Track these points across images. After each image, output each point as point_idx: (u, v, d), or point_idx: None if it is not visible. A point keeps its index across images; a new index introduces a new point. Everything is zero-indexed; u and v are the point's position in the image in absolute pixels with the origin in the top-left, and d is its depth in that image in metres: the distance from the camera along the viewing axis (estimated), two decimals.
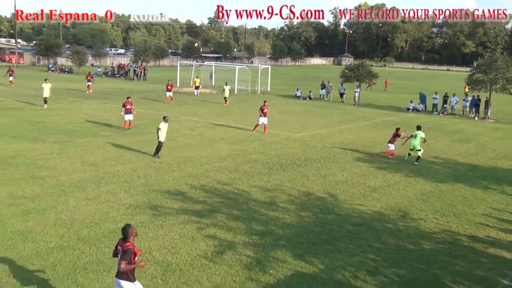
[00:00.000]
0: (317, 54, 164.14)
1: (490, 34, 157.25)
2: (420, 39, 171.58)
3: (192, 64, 68.36)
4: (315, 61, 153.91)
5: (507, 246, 13.40)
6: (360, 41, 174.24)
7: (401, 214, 15.56)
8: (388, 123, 35.15)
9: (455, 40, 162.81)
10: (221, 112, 36.70)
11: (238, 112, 37.29)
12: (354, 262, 11.83)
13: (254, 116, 35.17)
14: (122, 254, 8.33)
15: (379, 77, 48.33)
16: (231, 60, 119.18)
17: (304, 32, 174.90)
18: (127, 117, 27.55)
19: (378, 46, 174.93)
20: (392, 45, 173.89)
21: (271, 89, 56.29)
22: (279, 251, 12.16)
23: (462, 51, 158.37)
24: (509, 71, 39.05)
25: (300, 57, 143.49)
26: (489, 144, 28.49)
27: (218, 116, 34.52)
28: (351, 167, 21.26)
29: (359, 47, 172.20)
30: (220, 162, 21.06)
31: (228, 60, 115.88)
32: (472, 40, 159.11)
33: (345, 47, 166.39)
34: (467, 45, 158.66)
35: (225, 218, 14.23)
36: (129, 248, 8.35)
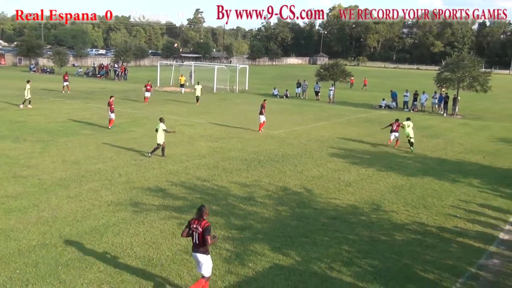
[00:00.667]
0: (293, 54, 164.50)
1: (457, 34, 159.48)
2: (392, 40, 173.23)
3: (172, 64, 67.96)
4: (292, 60, 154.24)
5: (474, 236, 13.63)
6: (335, 41, 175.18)
7: (374, 207, 15.71)
8: (361, 120, 35.44)
9: (425, 40, 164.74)
10: (201, 110, 36.56)
11: (217, 110, 37.19)
12: (329, 254, 11.90)
13: (233, 114, 35.19)
14: (204, 231, 9.19)
15: (353, 76, 48.61)
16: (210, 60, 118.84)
17: (281, 32, 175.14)
18: (112, 116, 27.46)
19: (352, 46, 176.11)
20: (365, 45, 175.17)
21: (249, 88, 56.26)
22: (258, 245, 12.17)
23: (431, 51, 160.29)
24: (475, 70, 39.64)
25: (277, 57, 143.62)
26: (457, 139, 28.91)
27: (197, 114, 34.37)
28: (326, 163, 21.38)
29: (334, 47, 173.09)
30: (199, 159, 20.98)
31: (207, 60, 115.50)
32: (441, 40, 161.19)
33: (320, 47, 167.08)
34: (436, 45, 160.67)
35: None
36: (209, 225, 9.32)
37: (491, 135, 31.16)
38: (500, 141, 29.03)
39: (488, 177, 20.22)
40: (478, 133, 31.58)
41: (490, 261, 12.08)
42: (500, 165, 22.40)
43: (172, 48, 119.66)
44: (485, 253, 12.52)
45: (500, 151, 25.76)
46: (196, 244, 9.40)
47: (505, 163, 22.39)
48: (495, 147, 26.99)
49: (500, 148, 26.72)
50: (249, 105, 41.29)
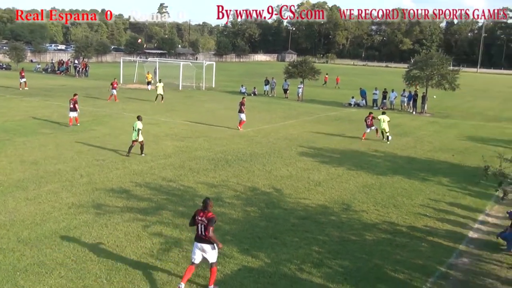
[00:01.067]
0: (261, 50, 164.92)
1: (426, 32, 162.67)
2: (360, 37, 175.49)
3: (136, 60, 67.16)
4: (259, 57, 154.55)
5: (444, 235, 13.91)
6: (303, 38, 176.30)
7: (344, 206, 15.86)
8: (331, 118, 35.77)
9: (393, 37, 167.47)
10: (166, 108, 36.25)
11: (183, 108, 36.94)
12: (299, 255, 11.95)
13: (199, 112, 35.02)
14: (208, 222, 9.89)
15: (321, 73, 48.99)
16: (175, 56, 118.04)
17: (248, 29, 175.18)
18: (72, 114, 27.08)
19: (320, 43, 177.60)
20: (333, 42, 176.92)
21: (216, 86, 56.10)
22: (226, 247, 12.12)
23: (400, 48, 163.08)
24: (443, 68, 40.49)
25: (244, 54, 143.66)
26: (426, 138, 29.48)
27: (162, 112, 34.07)
28: (296, 162, 21.48)
29: (302, 43, 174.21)
30: (165, 159, 20.80)
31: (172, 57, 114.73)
32: (409, 38, 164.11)
33: (289, 44, 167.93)
34: (405, 43, 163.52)
35: (171, 215, 14.06)
36: (214, 216, 10.04)
37: (460, 133, 31.89)
38: (468, 139, 29.74)
39: (457, 175, 20.68)
40: (447, 131, 32.27)
41: (460, 260, 12.35)
42: (469, 163, 22.94)
43: (136, 44, 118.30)
44: (455, 252, 12.80)
45: (469, 149, 26.39)
46: (202, 235, 10.02)
47: (474, 161, 22.93)
48: (463, 145, 27.64)
49: (468, 146, 27.37)
50: (216, 103, 41.19)
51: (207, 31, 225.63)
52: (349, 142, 26.84)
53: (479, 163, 17.58)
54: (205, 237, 9.97)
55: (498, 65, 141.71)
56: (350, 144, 26.28)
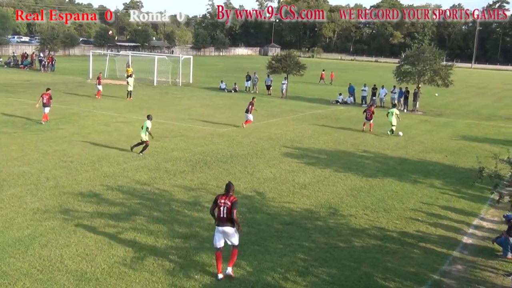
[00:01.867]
0: (242, 43, 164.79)
1: (417, 24, 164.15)
2: (348, 29, 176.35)
3: (106, 53, 66.67)
4: (240, 51, 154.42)
5: (436, 240, 14.09)
6: (287, 30, 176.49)
7: (331, 211, 15.96)
8: (317, 117, 35.94)
9: (383, 30, 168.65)
10: (139, 105, 36.07)
11: (157, 105, 36.80)
12: (283, 263, 12.00)
13: (176, 110, 34.93)
14: (232, 205, 10.92)
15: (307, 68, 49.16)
16: (149, 49, 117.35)
17: None
18: (47, 110, 27.63)
19: (306, 36, 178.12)
20: (320, 35, 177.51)
21: (194, 81, 55.97)
22: (205, 255, 12.13)
23: (390, 42, 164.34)
24: (436, 63, 40.94)
25: (224, 47, 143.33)
26: (417, 137, 29.79)
27: (136, 110, 33.89)
28: (279, 163, 21.55)
29: (286, 36, 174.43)
30: (139, 160, 20.71)
31: (146, 50, 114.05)
32: (400, 31, 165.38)
33: (272, 36, 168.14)
34: (395, 36, 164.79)
35: (145, 221, 14.02)
36: (236, 200, 11.12)
37: (453, 132, 32.30)
38: (462, 138, 30.13)
39: (450, 177, 20.95)
40: (440, 131, 32.65)
41: (454, 267, 12.53)
42: (463, 164, 23.24)
43: (106, 36, 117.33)
44: (448, 258, 12.97)
45: (462, 150, 26.74)
46: (224, 218, 11.01)
47: (468, 163, 23.24)
48: (457, 145, 27.99)
49: (462, 146, 27.73)
50: (193, 100, 41.12)
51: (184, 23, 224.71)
52: (337, 142, 27.00)
53: (474, 164, 17.85)
54: (227, 220, 10.97)
55: (493, 60, 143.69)
56: (337, 144, 26.44)
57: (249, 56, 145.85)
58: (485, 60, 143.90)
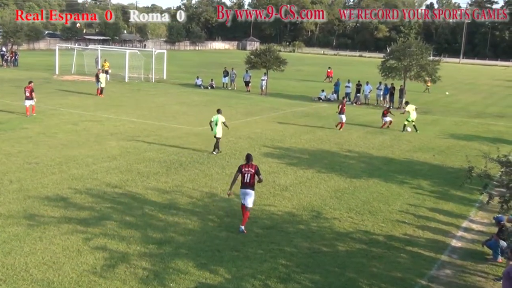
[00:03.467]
0: (219, 37, 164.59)
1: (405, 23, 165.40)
2: (331, 22, 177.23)
3: (74, 48, 66.08)
4: (217, 45, 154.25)
5: (424, 244, 14.23)
6: (267, 23, 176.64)
7: (314, 214, 16.02)
8: (299, 115, 36.04)
9: (368, 23, 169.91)
10: (110, 103, 35.83)
11: (129, 103, 36.59)
12: (264, 269, 12.01)
13: (149, 107, 34.78)
14: (256, 171, 14.48)
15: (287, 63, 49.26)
16: (120, 43, 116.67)
17: (204, 12, 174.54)
18: (28, 103, 29.02)
19: (286, 30, 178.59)
20: (301, 29, 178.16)
21: (168, 77, 55.74)
22: (180, 261, 12.09)
23: (375, 36, 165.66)
24: (423, 58, 41.32)
25: (200, 41, 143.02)
26: (404, 136, 30.05)
27: (106, 108, 33.66)
28: (259, 164, 21.38)
29: (266, 30, 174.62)
30: (109, 161, 20.57)
31: (117, 44, 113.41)
32: (385, 24, 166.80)
33: (251, 30, 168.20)
34: (380, 29, 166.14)
35: (116, 226, 13.93)
36: (258, 167, 14.75)
37: (441, 130, 32.65)
38: (451, 137, 30.48)
39: (438, 177, 21.18)
40: (427, 129, 32.97)
41: (442, 271, 12.66)
42: (451, 164, 23.51)
43: (74, 29, 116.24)
44: (437, 262, 13.11)
45: (451, 149, 27.05)
46: (247, 183, 14.33)
47: (456, 162, 23.53)
48: (445, 144, 28.31)
49: (450, 145, 28.05)
50: (167, 97, 40.96)
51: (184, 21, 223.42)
52: (319, 141, 27.12)
53: (463, 164, 18.07)
54: (249, 184, 14.30)
55: (482, 55, 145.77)
56: (320, 143, 26.55)
57: (226, 50, 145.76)
58: (474, 55, 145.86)
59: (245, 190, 14.35)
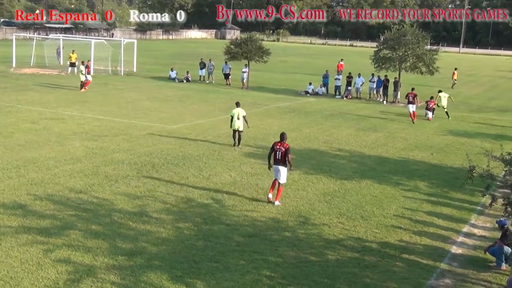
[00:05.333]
0: (196, 25, 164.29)
1: (398, 2, 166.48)
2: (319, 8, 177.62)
3: (33, 37, 65.52)
4: (193, 34, 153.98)
5: (421, 251, 14.32)
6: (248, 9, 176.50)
7: (301, 219, 16.05)
8: (283, 110, 36.11)
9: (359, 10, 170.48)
10: (73, 99, 35.60)
11: (95, 98, 36.39)
12: (246, 282, 12.01)
13: (117, 103, 34.61)
14: (286, 150, 17.02)
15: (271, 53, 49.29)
16: (85, 32, 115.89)
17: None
18: None
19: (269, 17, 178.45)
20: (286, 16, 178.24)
21: (138, 70, 55.55)
22: (153, 274, 12.04)
23: (367, 23, 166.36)
24: (420, 47, 41.58)
25: (174, 29, 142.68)
26: (399, 133, 30.24)
27: (69, 104, 33.44)
28: (240, 165, 21.56)
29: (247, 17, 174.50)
30: (73, 164, 20.44)
31: (81, 33, 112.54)
32: None
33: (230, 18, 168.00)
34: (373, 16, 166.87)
35: (81, 236, 13.84)
36: (289, 146, 17.32)
37: (439, 127, 32.91)
38: (450, 134, 30.75)
39: (436, 178, 21.34)
40: (424, 125, 33.23)
41: (441, 281, 12.75)
42: (450, 163, 23.70)
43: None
44: (435, 271, 13.20)
45: (450, 146, 27.28)
46: (278, 160, 17.05)
47: (456, 161, 23.72)
48: (444, 141, 28.54)
49: (449, 142, 28.29)
50: (138, 92, 40.80)
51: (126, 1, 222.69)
52: (307, 139, 27.18)
53: (463, 163, 18.19)
54: (280, 160, 16.98)
55: (484, 44, 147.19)
56: (307, 142, 26.61)
57: (203, 39, 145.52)
58: (475, 44, 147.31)
59: (277, 166, 17.09)
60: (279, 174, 17.05)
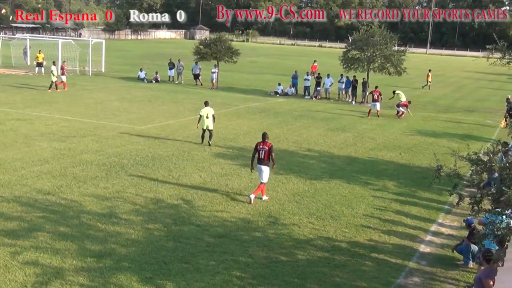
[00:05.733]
0: (165, 25, 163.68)
1: (366, 3, 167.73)
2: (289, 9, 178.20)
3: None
4: (162, 34, 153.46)
5: (391, 250, 14.46)
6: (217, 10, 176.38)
7: (271, 220, 16.09)
8: (253, 111, 36.14)
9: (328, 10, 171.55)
10: (41, 99, 35.17)
11: (63, 99, 36.01)
12: (216, 282, 12.00)
13: (85, 104, 34.30)
14: (270, 149, 17.54)
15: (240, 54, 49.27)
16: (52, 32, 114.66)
17: None
18: None
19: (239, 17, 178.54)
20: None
21: (106, 70, 55.12)
22: (122, 276, 11.97)
23: (336, 24, 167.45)
24: (388, 48, 41.94)
25: (143, 29, 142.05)
26: (368, 133, 30.48)
27: (36, 105, 33.03)
28: (210, 166, 21.53)
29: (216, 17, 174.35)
30: (40, 165, 20.20)
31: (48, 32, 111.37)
32: None
33: (199, 17, 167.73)
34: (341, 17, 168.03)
35: (49, 238, 13.69)
36: (272, 145, 17.83)
37: (407, 127, 33.26)
38: (418, 134, 31.08)
39: (405, 178, 21.57)
40: (392, 125, 33.55)
41: (410, 279, 12.90)
42: (418, 163, 23.95)
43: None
44: (404, 270, 13.35)
45: (418, 146, 27.58)
46: (261, 159, 17.50)
47: (424, 161, 23.99)
48: (412, 141, 28.85)
49: (417, 142, 28.60)
50: (106, 93, 40.48)
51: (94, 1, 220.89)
52: (276, 140, 27.21)
53: (431, 163, 18.40)
54: (263, 160, 17.45)
55: (450, 45, 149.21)
56: (277, 142, 26.64)
57: (172, 40, 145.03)
58: (442, 45, 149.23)
59: (260, 166, 17.51)
60: (262, 174, 17.47)
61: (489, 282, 9.76)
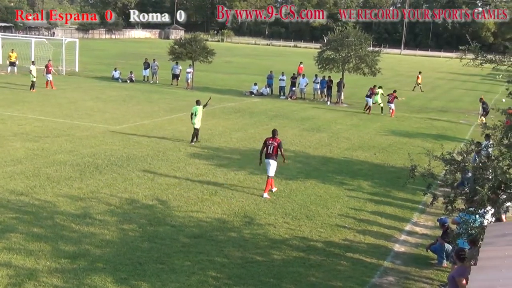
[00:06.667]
0: (139, 25, 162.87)
1: (341, 4, 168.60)
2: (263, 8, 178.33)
3: None
4: (137, 33, 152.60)
5: (365, 249, 14.57)
6: (192, 9, 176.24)
7: (246, 220, 16.11)
8: (228, 111, 36.13)
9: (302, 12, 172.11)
10: (13, 99, 34.78)
11: (36, 99, 35.65)
12: (192, 283, 11.98)
13: (59, 104, 34.01)
14: (279, 145, 18.33)
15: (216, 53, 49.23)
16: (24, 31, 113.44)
17: None
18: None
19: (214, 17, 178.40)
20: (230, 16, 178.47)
21: (80, 69, 54.69)
22: (97, 277, 11.89)
23: (311, 25, 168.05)
24: (362, 48, 42.22)
25: (117, 29, 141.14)
26: (343, 133, 30.66)
27: (8, 104, 32.65)
28: (185, 166, 21.48)
29: (191, 17, 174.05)
30: (13, 165, 19.99)
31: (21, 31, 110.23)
32: None
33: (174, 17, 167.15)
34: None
35: (22, 239, 13.55)
36: (281, 141, 18.63)
37: (382, 127, 33.53)
38: (392, 134, 31.35)
39: (379, 178, 21.75)
40: (367, 125, 33.79)
41: (385, 278, 13.01)
42: (393, 162, 24.17)
43: None
44: (379, 269, 13.47)
45: (392, 146, 27.82)
46: (270, 154, 18.27)
47: (398, 161, 24.20)
48: (386, 141, 29.09)
49: (392, 142, 28.85)
50: (80, 92, 40.19)
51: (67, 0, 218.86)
52: (252, 140, 27.26)
53: (405, 162, 18.57)
54: (271, 155, 18.20)
55: (424, 46, 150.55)
56: (252, 142, 26.69)
57: (147, 39, 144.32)
58: (415, 46, 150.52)
59: (268, 160, 18.28)
60: (269, 167, 18.24)
61: (462, 280, 9.87)
